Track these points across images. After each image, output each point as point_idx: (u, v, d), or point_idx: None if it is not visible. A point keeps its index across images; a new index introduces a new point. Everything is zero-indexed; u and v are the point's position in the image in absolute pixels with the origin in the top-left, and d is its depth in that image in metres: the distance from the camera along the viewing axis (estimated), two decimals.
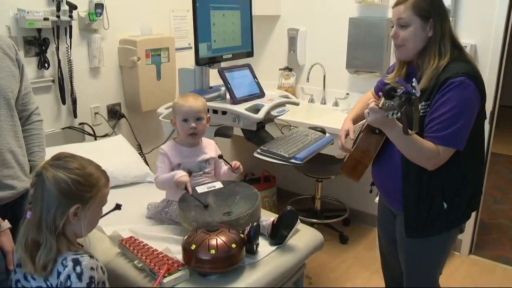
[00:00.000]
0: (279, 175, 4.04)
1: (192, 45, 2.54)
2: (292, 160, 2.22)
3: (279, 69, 3.84)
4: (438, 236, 1.88)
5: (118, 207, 1.70)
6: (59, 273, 1.39)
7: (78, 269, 1.38)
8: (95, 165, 1.51)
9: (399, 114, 1.54)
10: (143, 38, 3.16)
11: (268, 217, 2.08)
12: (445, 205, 1.80)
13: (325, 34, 3.63)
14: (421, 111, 1.73)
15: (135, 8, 3.25)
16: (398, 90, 1.51)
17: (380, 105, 1.59)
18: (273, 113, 2.45)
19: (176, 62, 3.35)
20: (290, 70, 3.80)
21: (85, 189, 1.44)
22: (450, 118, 1.67)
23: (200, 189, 2.07)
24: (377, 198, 3.16)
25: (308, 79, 3.59)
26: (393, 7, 1.83)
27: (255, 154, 2.28)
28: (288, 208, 1.97)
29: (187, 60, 3.34)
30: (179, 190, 2.03)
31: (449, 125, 1.68)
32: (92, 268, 1.40)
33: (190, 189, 2.00)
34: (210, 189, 2.09)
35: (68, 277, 1.38)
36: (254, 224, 1.85)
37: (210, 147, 2.22)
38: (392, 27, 1.83)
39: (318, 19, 3.65)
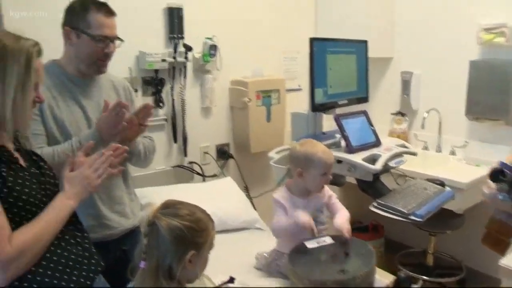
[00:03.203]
0: (388, 224, 3.81)
1: (302, 86, 2.48)
2: (412, 217, 2.07)
3: (391, 114, 3.69)
4: None
5: (231, 280, 1.86)
6: None
7: None
8: (201, 210, 1.52)
9: (508, 199, 1.39)
10: (254, 80, 3.17)
11: (381, 278, 1.92)
12: None
13: (441, 78, 3.43)
14: None
15: (247, 49, 3.28)
16: (507, 173, 1.37)
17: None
18: (390, 163, 2.31)
19: (286, 104, 3.32)
20: (403, 115, 3.63)
21: (198, 235, 1.45)
22: None
23: (310, 244, 1.96)
24: (503, 260, 2.86)
25: (423, 125, 3.38)
26: None
27: (371, 208, 2.15)
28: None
29: (296, 101, 3.31)
30: (299, 235, 1.94)
31: None
32: None
33: (315, 229, 1.93)
34: (320, 244, 1.98)
35: None
36: None
37: (321, 192, 2.11)
38: None
39: (434, 61, 3.47)
